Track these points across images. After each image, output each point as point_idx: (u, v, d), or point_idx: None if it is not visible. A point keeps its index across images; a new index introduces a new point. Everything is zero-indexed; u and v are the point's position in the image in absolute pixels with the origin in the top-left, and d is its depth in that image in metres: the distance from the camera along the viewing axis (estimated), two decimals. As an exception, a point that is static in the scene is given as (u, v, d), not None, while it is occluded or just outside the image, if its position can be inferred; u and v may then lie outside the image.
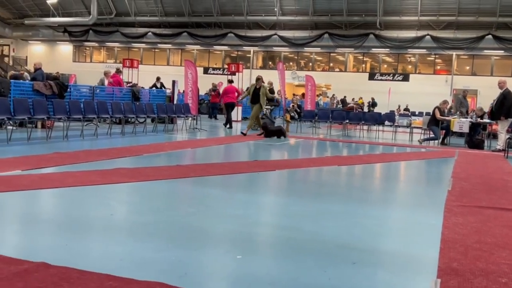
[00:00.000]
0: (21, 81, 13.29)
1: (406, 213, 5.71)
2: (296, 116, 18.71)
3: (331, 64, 38.82)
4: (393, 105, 31.38)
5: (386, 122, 18.16)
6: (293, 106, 19.47)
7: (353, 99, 31.17)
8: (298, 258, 3.68)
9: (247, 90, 14.46)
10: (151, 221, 4.56)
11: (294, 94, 29.00)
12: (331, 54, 38.17)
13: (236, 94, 18.75)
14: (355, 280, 3.31)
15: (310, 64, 39.05)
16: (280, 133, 14.28)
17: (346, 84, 35.10)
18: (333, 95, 31.59)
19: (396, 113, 25.36)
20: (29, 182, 5.97)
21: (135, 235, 4.06)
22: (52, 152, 8.64)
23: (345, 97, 31.22)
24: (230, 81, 19.83)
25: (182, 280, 3.07)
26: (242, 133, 14.38)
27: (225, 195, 6.05)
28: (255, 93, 14.51)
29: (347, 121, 17.71)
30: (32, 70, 18.44)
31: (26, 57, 43.70)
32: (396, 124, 18.11)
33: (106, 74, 17.56)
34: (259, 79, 14.70)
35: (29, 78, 14.30)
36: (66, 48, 44.62)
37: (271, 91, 17.62)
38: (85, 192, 5.69)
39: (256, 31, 36.75)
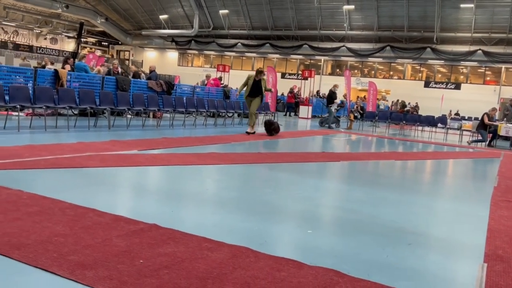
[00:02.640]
0: (139, 79, 13.87)
1: (455, 205, 5.43)
2: (359, 116, 18.27)
3: (391, 72, 37.45)
4: (445, 110, 29.85)
5: (439, 125, 17.33)
6: (356, 107, 19.02)
7: (409, 103, 29.94)
8: (359, 237, 3.60)
9: (245, 82, 11.39)
10: (236, 197, 4.63)
11: (358, 97, 28.32)
12: (392, 64, 36.81)
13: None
14: (410, 259, 3.19)
15: (373, 72, 37.88)
16: (278, 128, 11.70)
17: (404, 90, 33.77)
18: (398, 100, 30.42)
19: (447, 117, 24.14)
20: (144, 160, 6.25)
21: (224, 207, 4.14)
22: (161, 137, 8.99)
23: (403, 101, 30.04)
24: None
25: (262, 246, 3.10)
26: (247, 132, 11.34)
27: (297, 179, 6.03)
28: (256, 86, 11.35)
29: (404, 122, 17.08)
30: (147, 71, 19.21)
31: (142, 61, 45.60)
32: (448, 126, 17.22)
33: (207, 77, 18.02)
34: (260, 72, 11.39)
35: (144, 77, 14.89)
36: (172, 55, 46.09)
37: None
38: (186, 170, 5.88)
39: (327, 43, 36.18)
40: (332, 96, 16.65)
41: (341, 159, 8.34)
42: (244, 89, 11.44)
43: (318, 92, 30.19)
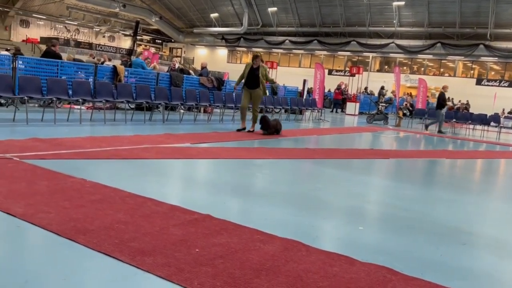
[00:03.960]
0: (191, 76, 14.11)
1: (510, 205, 5.16)
2: (408, 113, 17.73)
3: (442, 70, 36.10)
4: (497, 108, 28.40)
5: (492, 123, 16.52)
6: (406, 104, 18.46)
7: (459, 101, 28.78)
8: (411, 235, 3.49)
9: (242, 73, 9.46)
10: (286, 191, 4.61)
11: (408, 94, 27.50)
12: (442, 61, 35.49)
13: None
14: (464, 259, 3.06)
15: (422, 68, 36.67)
16: (280, 127, 9.62)
17: (455, 87, 32.35)
18: (451, 98, 29.23)
19: (500, 115, 22.97)
20: (196, 153, 6.36)
21: (274, 201, 4.13)
22: (211, 131, 9.11)
23: (452, 99, 28.87)
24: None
25: (314, 241, 3.06)
26: (248, 130, 9.57)
27: (345, 175, 5.93)
28: (252, 75, 9.25)
29: (454, 120, 16.40)
30: (197, 68, 19.52)
31: (193, 58, 46.44)
32: (501, 125, 16.39)
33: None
34: (257, 57, 9.36)
35: (193, 74, 15.14)
36: (222, 52, 46.61)
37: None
38: (236, 163, 5.92)
39: (376, 39, 35.35)
40: (441, 99, 14.98)
41: (390, 156, 8.12)
42: (243, 81, 9.51)
43: (366, 88, 29.58)
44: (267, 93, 10.40)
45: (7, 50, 19.65)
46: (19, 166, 4.32)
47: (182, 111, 11.90)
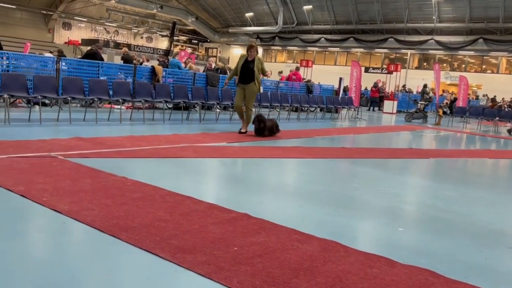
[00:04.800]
0: (226, 75, 14.19)
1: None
2: (448, 112, 17.21)
3: (484, 66, 34.81)
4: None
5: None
6: (446, 102, 17.92)
7: (503, 99, 27.65)
8: (453, 237, 3.38)
9: (236, 67, 8.43)
10: (323, 191, 4.57)
11: (444, 91, 26.71)
12: (484, 57, 34.22)
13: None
14: (511, 263, 2.95)
15: (463, 65, 35.47)
16: (276, 129, 8.42)
17: (498, 85, 31.18)
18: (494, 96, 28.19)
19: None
20: (232, 152, 6.40)
21: (311, 200, 4.10)
22: (247, 130, 9.14)
23: (495, 96, 27.81)
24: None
25: (352, 242, 3.03)
26: (240, 131, 8.35)
27: (383, 175, 5.81)
28: (247, 69, 8.12)
29: (498, 118, 15.78)
30: (232, 67, 19.67)
31: (228, 57, 46.74)
32: (549, 123, 15.63)
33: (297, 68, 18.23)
34: (252, 47, 8.17)
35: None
36: (257, 51, 46.70)
37: (425, 92, 15.38)
38: (272, 162, 5.92)
39: (414, 36, 34.46)
40: None
41: (430, 156, 7.91)
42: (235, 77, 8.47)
43: (404, 86, 28.91)
44: (261, 90, 8.45)
45: (50, 52, 20.44)
46: (63, 165, 4.48)
47: (218, 110, 12.01)
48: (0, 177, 3.77)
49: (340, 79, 18.51)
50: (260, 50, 45.88)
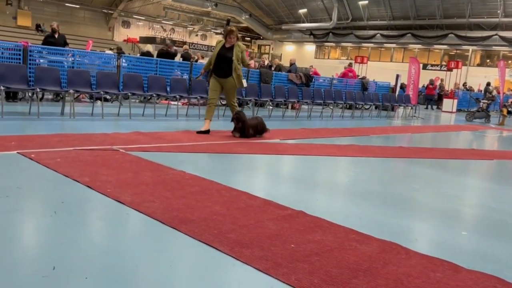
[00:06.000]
0: (280, 72, 14.19)
1: None
2: (514, 111, 16.26)
3: (554, 63, 32.54)
4: None
5: None
6: (511, 101, 16.94)
7: None
8: (523, 244, 3.20)
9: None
10: (380, 191, 4.46)
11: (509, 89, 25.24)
12: (554, 54, 32.01)
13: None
14: None
15: (530, 62, 33.34)
16: (262, 128, 7.23)
17: None
18: None
19: None
20: (285, 149, 6.40)
21: (369, 200, 4.02)
22: (299, 127, 9.11)
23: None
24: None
25: (413, 244, 2.93)
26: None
27: (443, 176, 5.59)
28: (223, 58, 6.76)
29: None
30: (285, 64, 19.61)
31: (281, 54, 46.66)
32: None
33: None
34: (231, 32, 6.76)
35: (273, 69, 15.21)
36: (310, 48, 46.26)
37: (488, 90, 14.39)
38: (326, 160, 5.86)
39: (476, 31, 32.75)
40: None
41: (494, 158, 7.52)
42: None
43: (464, 84, 27.62)
44: (244, 84, 7.07)
45: (110, 49, 21.33)
46: (125, 158, 4.67)
47: (270, 107, 12.04)
48: (68, 168, 3.99)
49: (397, 76, 18.00)
50: (313, 46, 45.47)
